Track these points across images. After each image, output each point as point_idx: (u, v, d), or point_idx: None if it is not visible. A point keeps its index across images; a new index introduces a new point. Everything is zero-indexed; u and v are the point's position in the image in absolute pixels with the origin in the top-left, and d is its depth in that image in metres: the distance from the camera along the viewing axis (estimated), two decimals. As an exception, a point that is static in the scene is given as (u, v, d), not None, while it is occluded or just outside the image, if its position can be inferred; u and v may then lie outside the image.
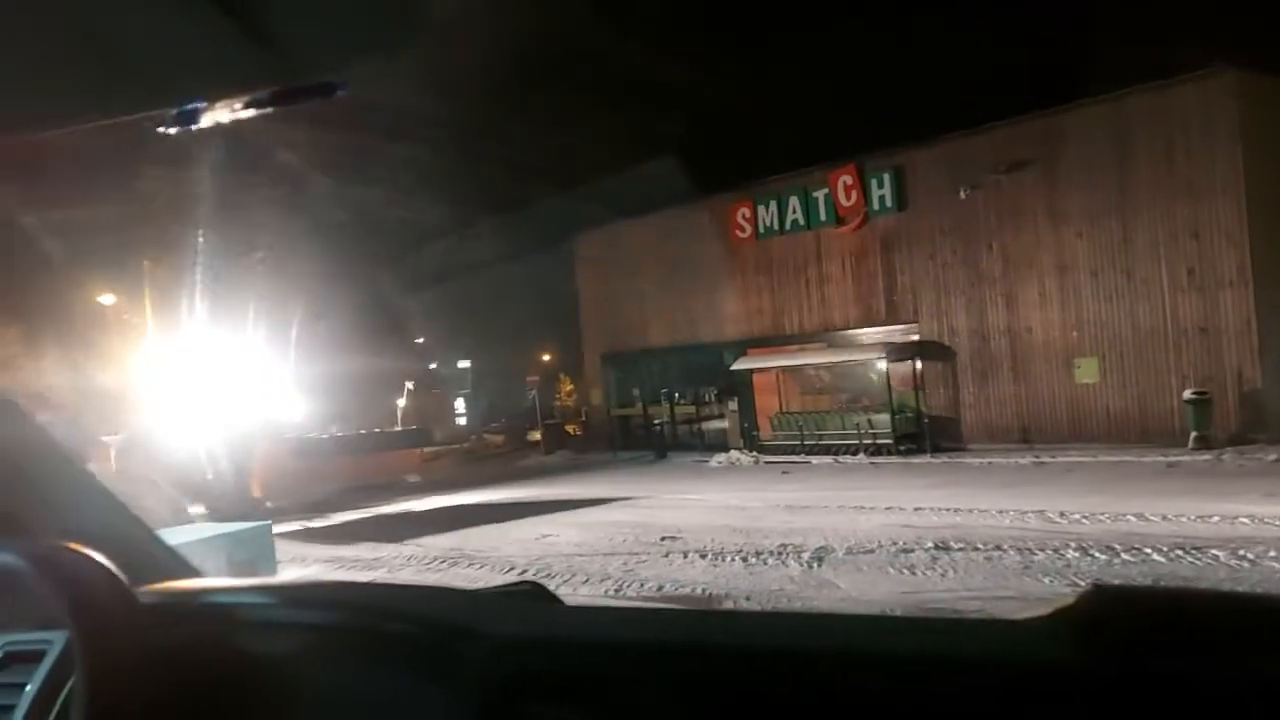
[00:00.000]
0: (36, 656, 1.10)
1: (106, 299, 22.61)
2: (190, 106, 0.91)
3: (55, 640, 1.08)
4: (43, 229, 18.36)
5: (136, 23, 0.83)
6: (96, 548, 1.37)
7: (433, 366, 47.89)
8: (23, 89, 0.91)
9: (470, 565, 11.02)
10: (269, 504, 16.41)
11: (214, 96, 0.92)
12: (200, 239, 18.66)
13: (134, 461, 15.03)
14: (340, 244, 25.75)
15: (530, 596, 0.98)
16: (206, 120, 0.92)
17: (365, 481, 17.98)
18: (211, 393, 16.77)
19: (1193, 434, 16.23)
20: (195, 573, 1.56)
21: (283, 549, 10.29)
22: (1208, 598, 0.65)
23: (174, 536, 6.49)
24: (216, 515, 13.94)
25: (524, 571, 10.35)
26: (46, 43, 0.85)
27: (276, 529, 10.70)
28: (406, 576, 10.80)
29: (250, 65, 0.87)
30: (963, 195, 19.57)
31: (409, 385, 23.69)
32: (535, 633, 0.84)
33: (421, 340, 43.93)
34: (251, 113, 0.92)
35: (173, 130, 0.94)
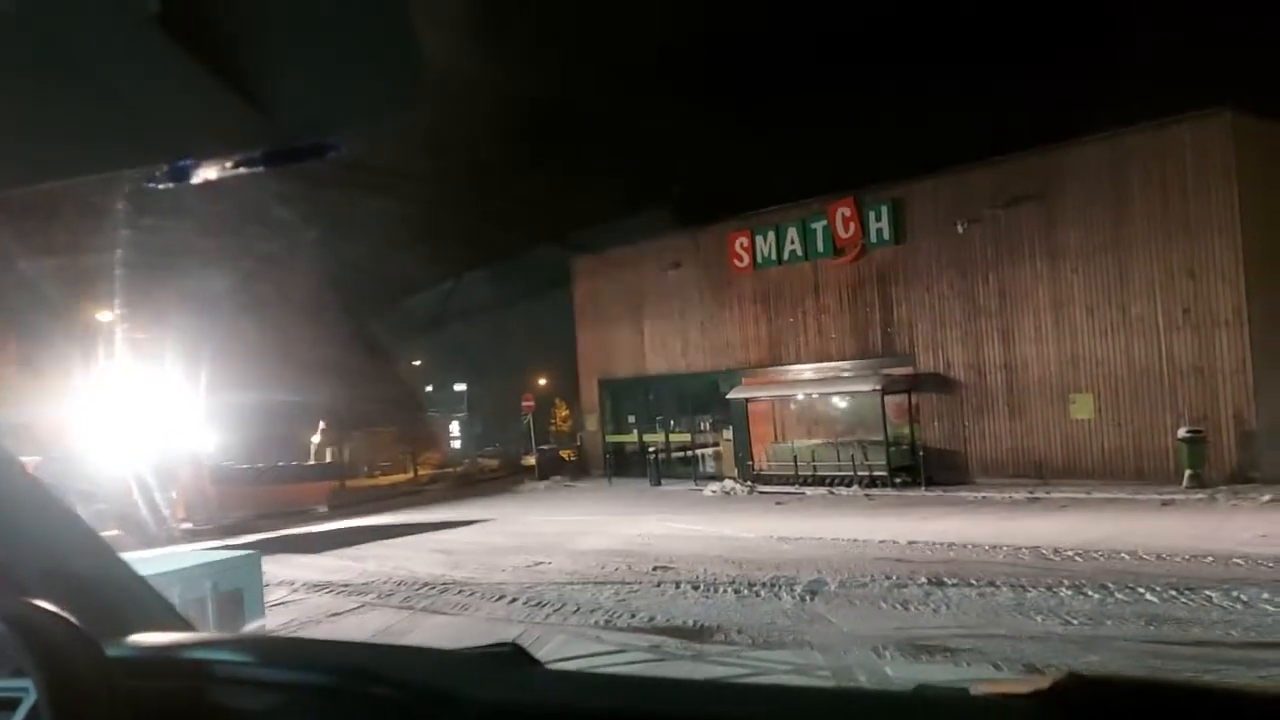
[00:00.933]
0: (12, 704, 1.09)
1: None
2: (182, 164, 0.91)
3: (30, 689, 1.06)
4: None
5: (133, 80, 0.83)
6: (74, 589, 1.36)
7: (429, 390, 47.87)
8: (19, 140, 0.92)
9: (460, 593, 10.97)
10: (187, 526, 17.38)
11: (207, 154, 0.92)
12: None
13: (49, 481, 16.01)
14: (343, 281, 26.12)
15: (510, 659, 0.97)
16: (198, 177, 0.92)
17: (280, 509, 19.28)
18: (138, 421, 18.26)
19: (1187, 473, 16.21)
20: (176, 615, 1.55)
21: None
22: (1181, 691, 0.64)
23: (160, 565, 6.44)
24: (133, 536, 15.18)
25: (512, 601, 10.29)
26: (45, 97, 0.86)
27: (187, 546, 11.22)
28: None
29: (245, 124, 0.87)
30: (960, 229, 19.67)
31: (322, 424, 24.85)
32: (515, 699, 0.83)
33: (418, 363, 43.96)
34: (243, 171, 0.92)
35: (164, 186, 0.94)
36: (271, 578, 10.38)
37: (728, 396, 23.48)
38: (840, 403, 22.34)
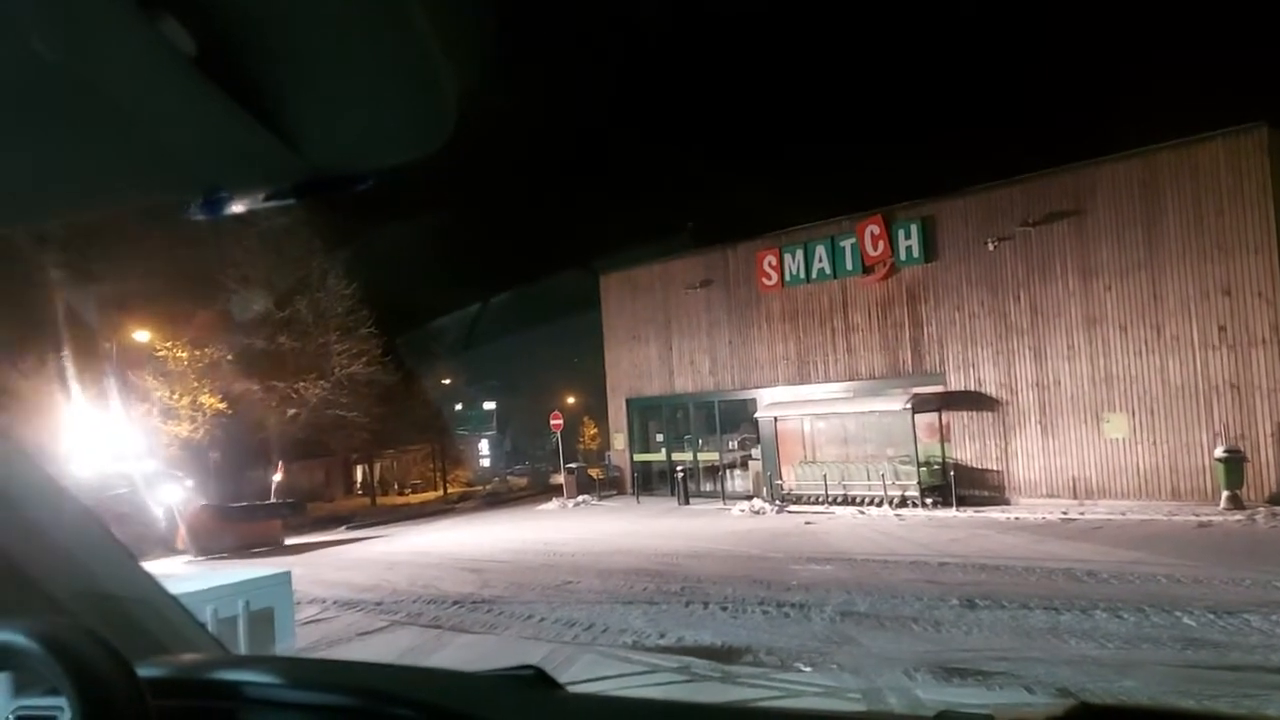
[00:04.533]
0: (48, 722, 1.11)
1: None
2: (216, 196, 0.94)
3: (64, 707, 1.09)
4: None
5: (171, 117, 0.87)
6: (108, 608, 1.38)
7: (458, 408, 48.14)
8: (62, 174, 0.95)
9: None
10: (188, 556, 19.17)
11: (241, 186, 0.95)
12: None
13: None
14: (376, 302, 26.63)
15: (532, 682, 0.98)
16: (231, 208, 0.95)
17: (255, 541, 20.52)
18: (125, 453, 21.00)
19: (1224, 493, 15.93)
20: (207, 635, 1.57)
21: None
22: (1190, 718, 0.64)
23: (193, 584, 6.51)
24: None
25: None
26: (89, 134, 0.89)
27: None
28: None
29: (277, 158, 0.90)
30: (991, 247, 19.54)
31: (280, 463, 26.41)
32: None
33: (448, 381, 44.24)
34: (275, 204, 0.95)
35: (199, 216, 0.97)
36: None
37: (756, 415, 23.40)
38: (870, 422, 22.18)
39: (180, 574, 15.56)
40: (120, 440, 21.98)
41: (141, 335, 26.69)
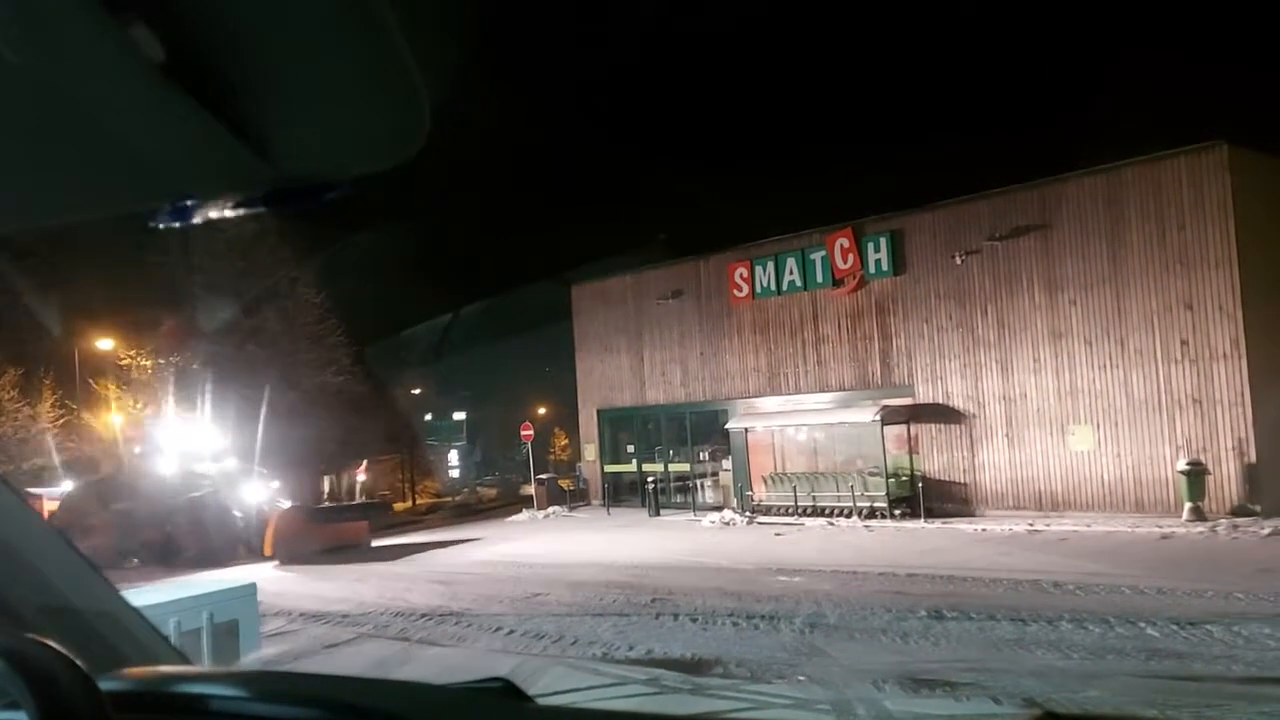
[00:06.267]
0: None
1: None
2: (183, 204, 0.93)
3: (24, 722, 1.07)
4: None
5: (137, 124, 0.86)
6: (70, 622, 1.36)
7: (428, 418, 47.78)
8: (27, 182, 0.94)
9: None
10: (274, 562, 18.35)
11: (209, 195, 0.94)
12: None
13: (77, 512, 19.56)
14: (344, 312, 26.51)
15: (501, 694, 0.97)
16: (199, 217, 0.94)
17: (337, 544, 19.47)
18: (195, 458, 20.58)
19: (1187, 505, 16.16)
20: (170, 648, 1.55)
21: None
22: None
23: (156, 596, 6.41)
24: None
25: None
26: (52, 141, 0.88)
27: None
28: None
29: (246, 166, 0.89)
30: (958, 260, 19.74)
31: (365, 462, 26.12)
32: None
33: (418, 391, 43.96)
34: (244, 212, 0.94)
35: (164, 225, 0.96)
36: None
37: (727, 426, 23.44)
38: (839, 433, 22.30)
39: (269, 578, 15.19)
40: (197, 439, 21.33)
41: (105, 343, 26.33)
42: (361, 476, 25.02)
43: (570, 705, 1.22)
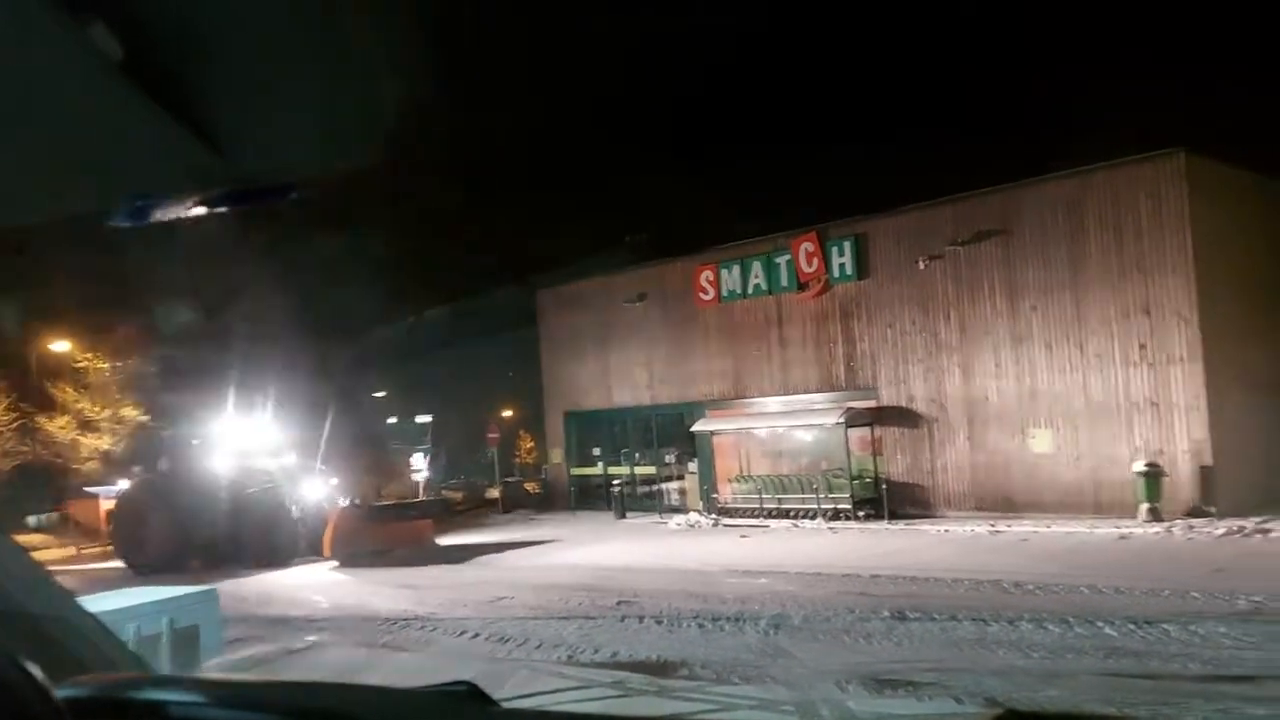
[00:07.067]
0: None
1: None
2: (139, 204, 0.92)
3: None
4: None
5: (96, 124, 0.84)
6: (25, 630, 1.34)
7: (392, 421, 47.39)
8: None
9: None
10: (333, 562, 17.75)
11: (168, 194, 0.93)
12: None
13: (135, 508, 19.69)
14: (305, 314, 26.28)
15: (466, 698, 0.97)
16: (156, 217, 0.93)
17: (399, 544, 18.57)
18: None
19: (1144, 506, 16.43)
20: (129, 654, 1.53)
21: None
22: None
23: (114, 602, 6.30)
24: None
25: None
26: (6, 139, 0.86)
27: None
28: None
29: (206, 166, 0.88)
30: (921, 265, 19.93)
31: (428, 458, 25.41)
32: None
33: (382, 394, 43.59)
34: (203, 211, 0.93)
35: (123, 225, 0.95)
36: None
37: (692, 429, 23.49)
38: (804, 436, 22.43)
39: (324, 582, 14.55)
40: (257, 434, 20.54)
41: (60, 345, 25.88)
42: (426, 473, 24.55)
43: (536, 708, 1.22)
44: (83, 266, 20.40)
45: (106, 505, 21.76)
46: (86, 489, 24.70)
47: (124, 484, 22.22)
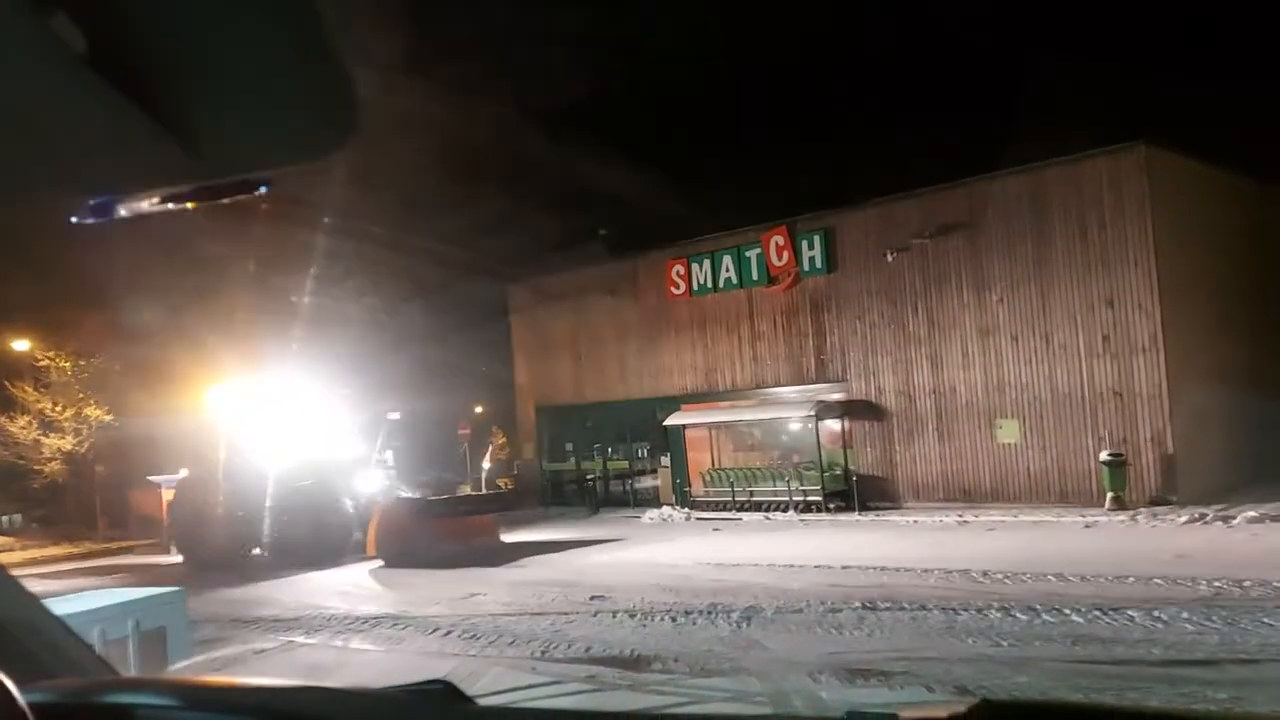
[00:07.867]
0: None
1: None
2: (104, 200, 0.90)
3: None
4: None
5: (58, 118, 0.83)
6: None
7: (360, 418, 46.99)
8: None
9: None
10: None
11: (135, 190, 0.92)
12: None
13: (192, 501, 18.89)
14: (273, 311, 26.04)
15: (442, 696, 0.96)
16: (122, 213, 0.91)
17: (458, 541, 16.94)
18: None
19: (1109, 495, 16.68)
20: (95, 657, 1.50)
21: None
22: (1084, 711, 0.67)
23: (79, 604, 6.21)
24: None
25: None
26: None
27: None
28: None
29: (173, 161, 0.87)
30: (889, 258, 20.07)
31: (489, 448, 24.18)
32: None
33: (348, 392, 43.22)
34: (171, 206, 0.92)
35: (87, 221, 0.93)
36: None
37: (665, 423, 23.53)
38: (775, 428, 22.54)
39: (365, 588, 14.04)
40: (309, 423, 19.09)
41: (21, 344, 25.46)
42: (486, 464, 23.88)
43: (510, 705, 1.21)
44: (43, 260, 19.99)
45: (168, 495, 20.89)
46: (149, 478, 23.87)
47: (184, 473, 21.14)
